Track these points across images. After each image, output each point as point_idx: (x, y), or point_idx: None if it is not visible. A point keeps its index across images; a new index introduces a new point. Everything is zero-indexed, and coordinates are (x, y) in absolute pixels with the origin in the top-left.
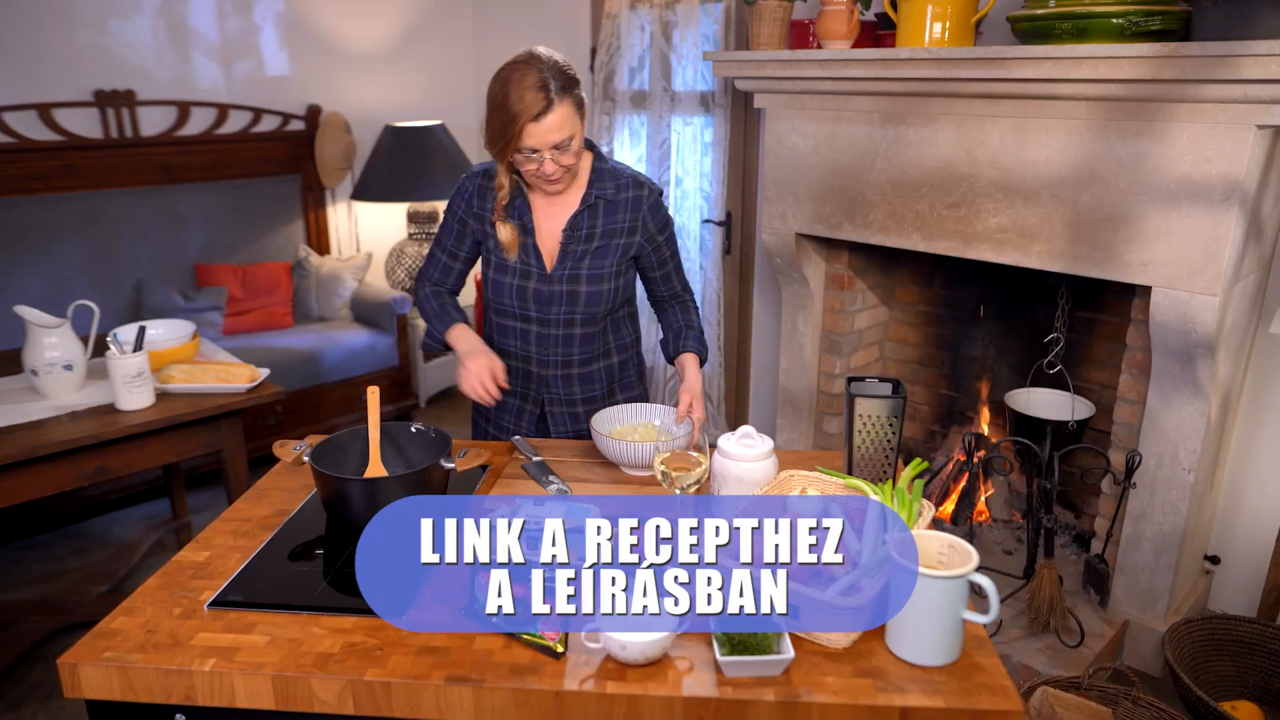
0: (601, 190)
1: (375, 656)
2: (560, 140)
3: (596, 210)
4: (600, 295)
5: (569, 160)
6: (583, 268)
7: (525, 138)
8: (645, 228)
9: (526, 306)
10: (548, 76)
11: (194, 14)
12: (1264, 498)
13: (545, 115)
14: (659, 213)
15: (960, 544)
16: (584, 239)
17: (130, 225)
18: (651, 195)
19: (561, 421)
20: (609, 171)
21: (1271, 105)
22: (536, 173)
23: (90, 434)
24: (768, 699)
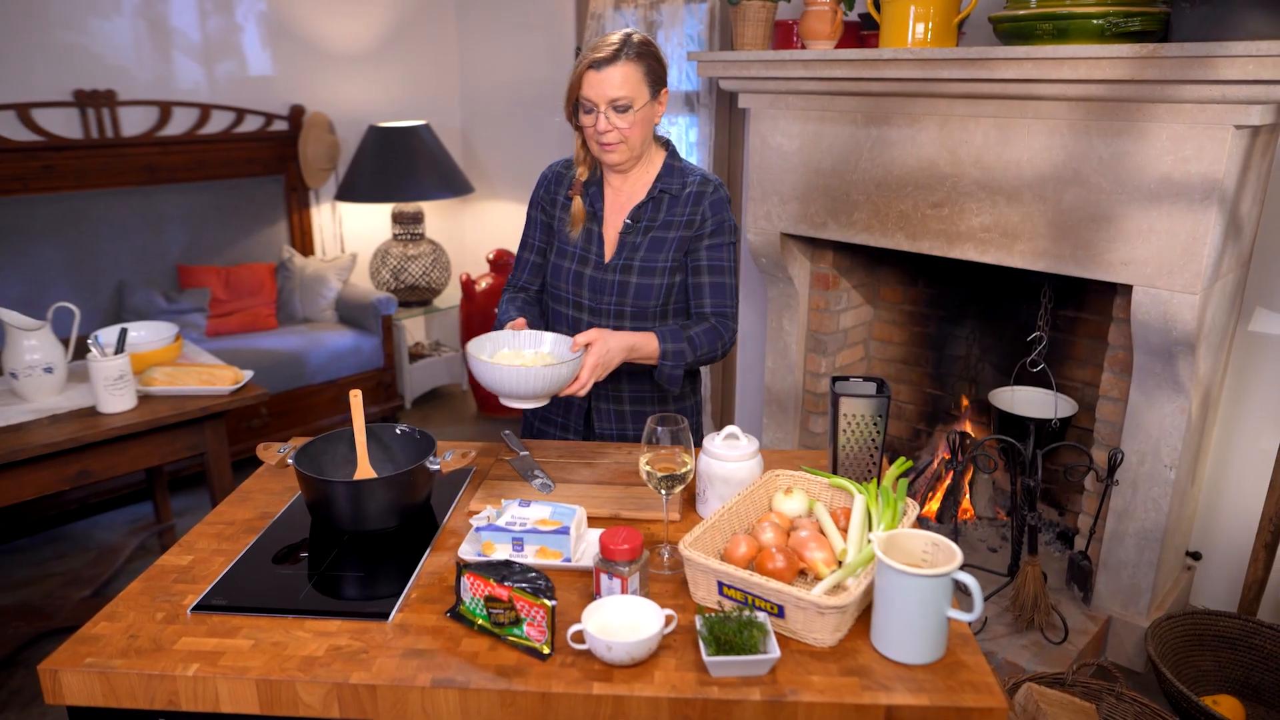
0: (668, 185)
1: (360, 660)
2: (618, 97)
3: (660, 203)
4: (651, 289)
5: (625, 124)
6: (636, 258)
7: (585, 86)
8: (702, 224)
9: (580, 294)
10: (619, 40)
11: (175, 13)
12: (1243, 494)
13: (606, 66)
14: (720, 211)
15: (944, 542)
16: (643, 230)
17: (111, 226)
18: (716, 194)
19: (607, 419)
20: (679, 169)
21: (1249, 105)
22: (593, 133)
23: (72, 437)
24: (754, 698)
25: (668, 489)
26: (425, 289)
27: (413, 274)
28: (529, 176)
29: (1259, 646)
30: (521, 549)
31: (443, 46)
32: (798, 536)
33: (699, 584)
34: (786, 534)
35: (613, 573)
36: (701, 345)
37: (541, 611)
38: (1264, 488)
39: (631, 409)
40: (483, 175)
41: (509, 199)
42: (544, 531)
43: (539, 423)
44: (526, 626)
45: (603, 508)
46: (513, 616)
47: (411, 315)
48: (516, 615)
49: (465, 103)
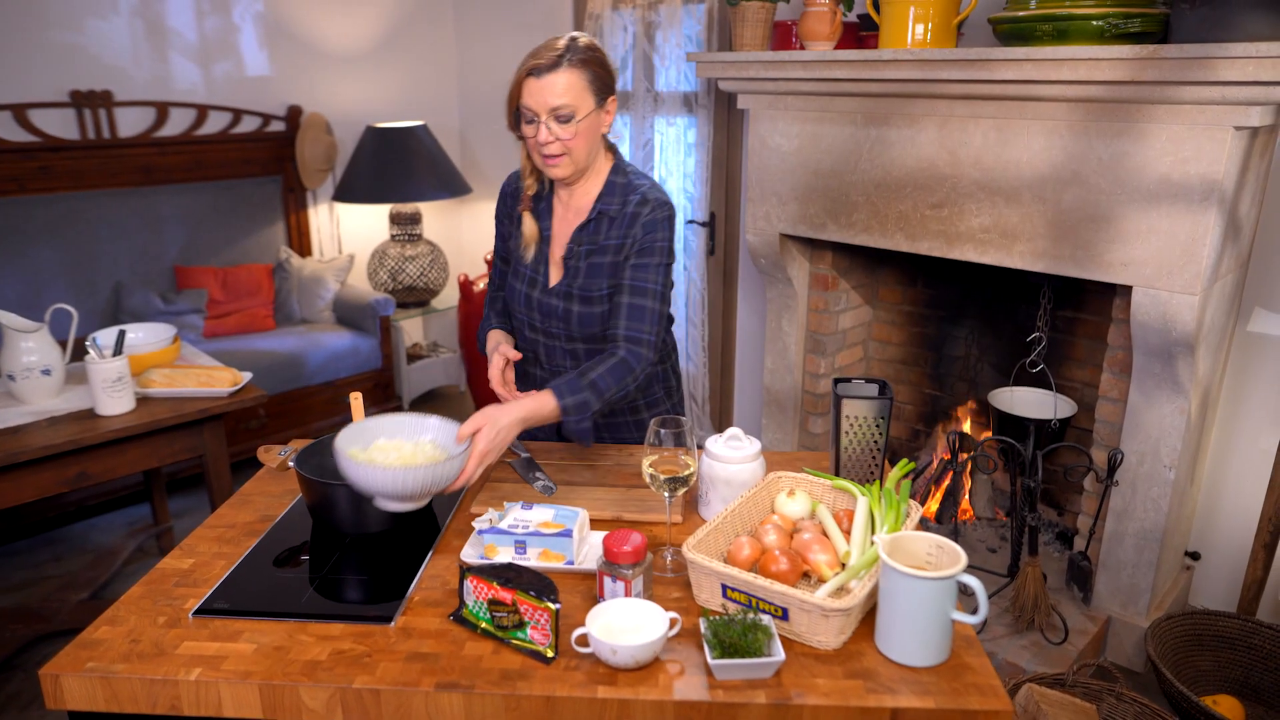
0: (607, 205)
1: (364, 664)
2: (559, 106)
3: (600, 225)
4: (592, 318)
5: (568, 135)
6: (575, 286)
7: (524, 95)
8: (632, 246)
9: (532, 315)
10: (564, 46)
11: (172, 14)
12: (1242, 494)
13: (547, 72)
14: (653, 230)
15: (948, 544)
16: (583, 255)
17: (108, 227)
18: (652, 214)
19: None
20: (622, 185)
21: (1249, 106)
22: (534, 144)
23: (70, 439)
24: (759, 701)
25: (671, 491)
26: (423, 290)
27: (410, 275)
28: None
29: (1258, 646)
30: (524, 552)
31: (440, 47)
32: (801, 539)
33: (702, 586)
34: (789, 536)
35: (616, 575)
36: (608, 388)
37: (545, 615)
38: (1263, 488)
39: (604, 420)
40: (480, 176)
41: None
42: (546, 534)
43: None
44: (530, 630)
45: (605, 510)
46: (516, 620)
47: (409, 316)
48: (520, 619)
49: (463, 103)
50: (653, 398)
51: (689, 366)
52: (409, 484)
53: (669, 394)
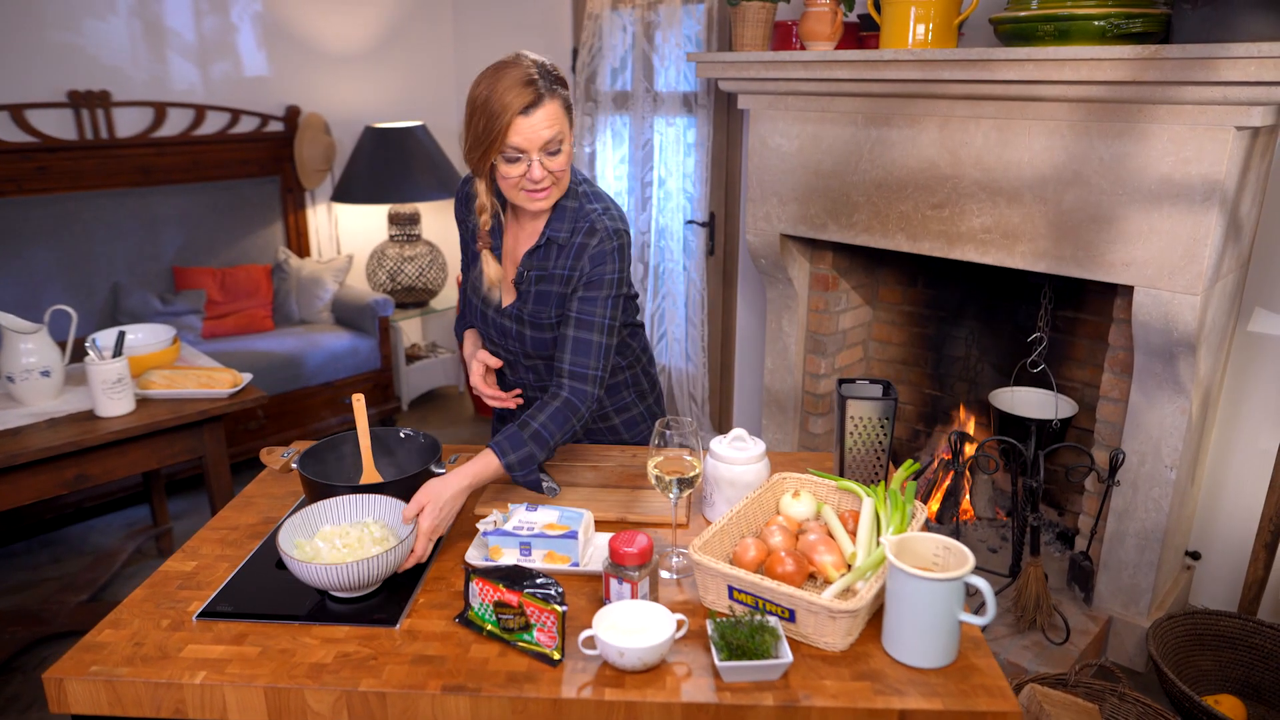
0: (556, 231)
1: (369, 667)
2: (550, 139)
3: (549, 251)
4: (543, 342)
5: (558, 166)
6: (526, 311)
7: (512, 135)
8: (580, 279)
9: (490, 332)
10: (535, 73)
11: (170, 14)
12: (1242, 494)
13: (535, 109)
14: (600, 263)
15: (955, 545)
16: (533, 280)
17: (106, 228)
18: (600, 246)
19: None
20: (572, 211)
21: (1250, 107)
22: (521, 181)
23: (70, 441)
24: (766, 703)
25: (676, 492)
26: (422, 290)
27: (409, 275)
28: None
29: (1259, 646)
30: (529, 554)
31: (439, 47)
32: (806, 540)
33: (709, 588)
34: (795, 537)
35: (622, 577)
36: (551, 435)
37: (552, 617)
38: (1263, 487)
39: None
40: None
41: None
42: (552, 536)
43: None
44: (536, 632)
45: (609, 511)
46: (522, 622)
47: (408, 317)
48: (526, 621)
49: (460, 104)
50: (621, 403)
51: (689, 366)
52: (357, 576)
53: (641, 397)
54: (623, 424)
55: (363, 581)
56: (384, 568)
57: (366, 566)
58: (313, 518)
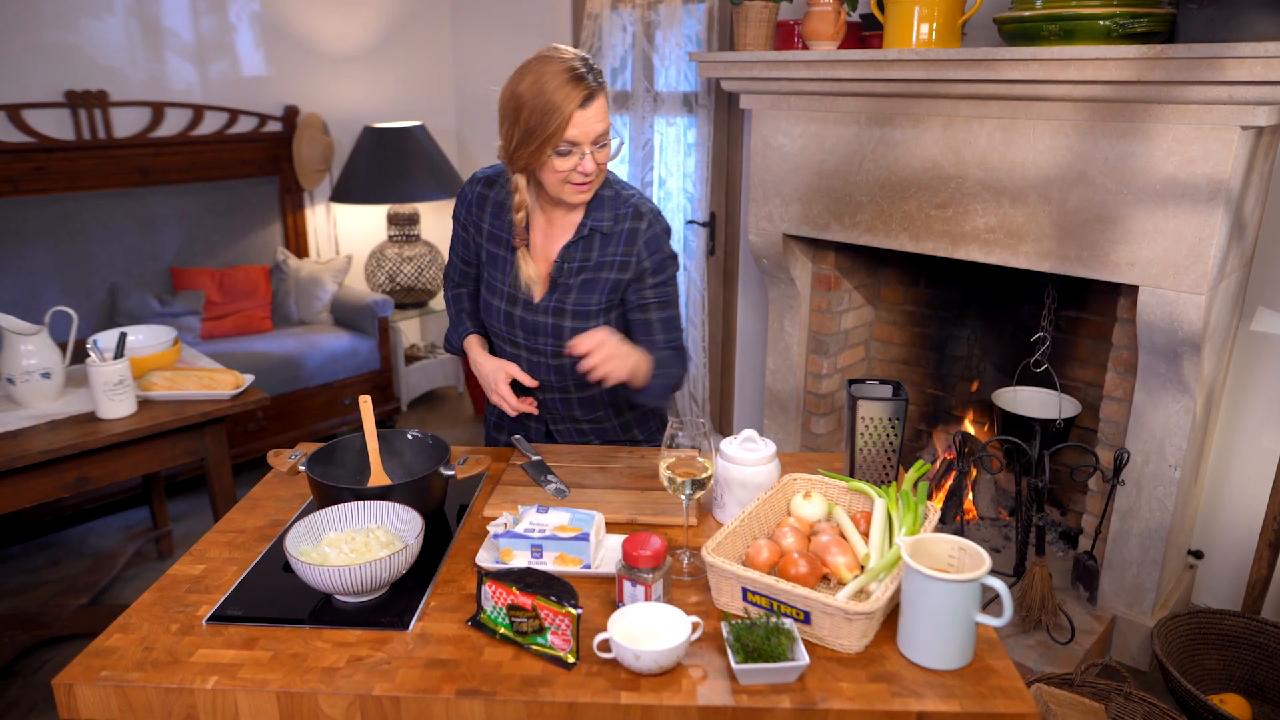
0: (598, 221)
1: (382, 670)
2: (602, 131)
3: (591, 241)
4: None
5: (604, 158)
6: (568, 302)
7: (571, 128)
8: (639, 264)
9: (514, 333)
10: (582, 67)
11: (167, 13)
12: (1245, 493)
13: (591, 102)
14: (657, 249)
15: (971, 546)
16: (574, 272)
17: (103, 228)
18: (651, 229)
19: (568, 437)
20: (611, 200)
21: (1256, 106)
22: (571, 174)
23: (71, 443)
24: (784, 706)
25: (688, 494)
26: (421, 290)
27: (408, 275)
28: None
29: (1263, 645)
30: (540, 555)
31: (437, 47)
32: (819, 541)
33: (722, 590)
34: (807, 539)
35: (636, 579)
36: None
37: (567, 620)
38: (1265, 486)
39: (591, 428)
40: None
41: None
42: (563, 538)
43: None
44: (550, 635)
45: (619, 513)
46: (536, 625)
47: (407, 317)
48: (540, 624)
49: (459, 103)
50: None
51: (689, 367)
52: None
53: None
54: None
55: (371, 584)
56: (392, 570)
57: (375, 569)
58: (316, 525)
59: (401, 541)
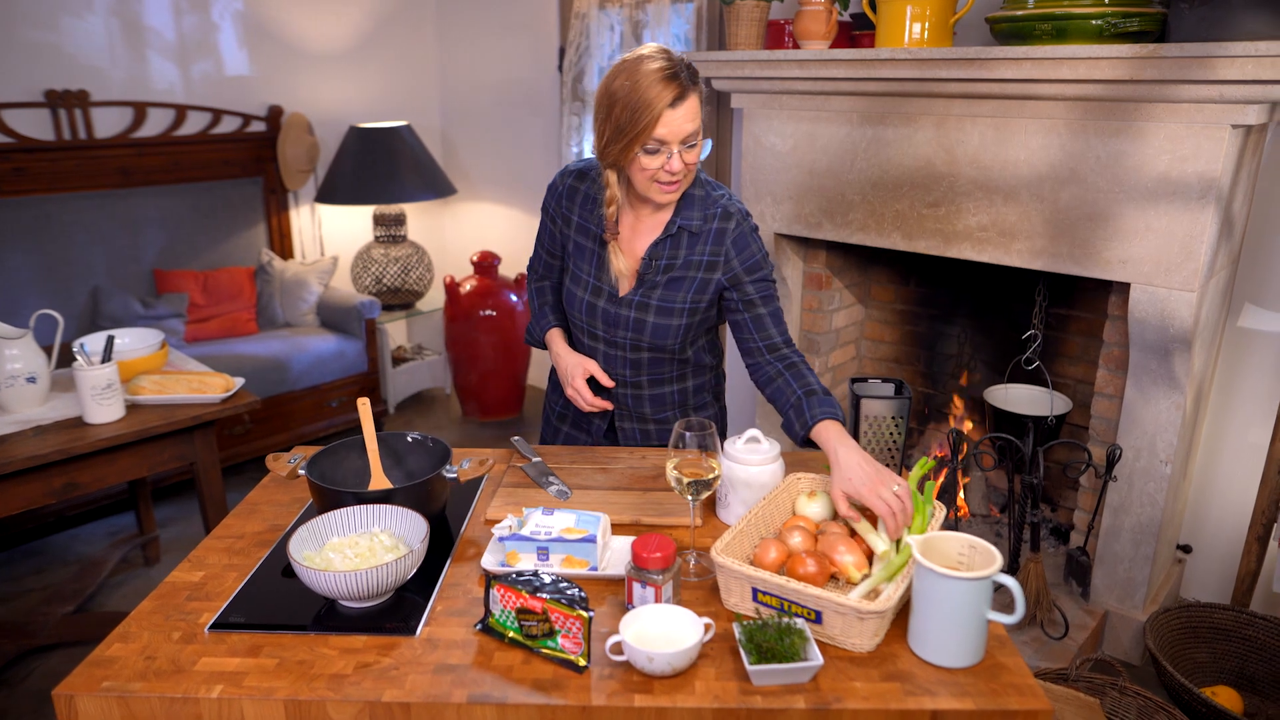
0: (687, 220)
1: (391, 676)
2: (692, 131)
3: (679, 240)
4: (669, 330)
5: (693, 158)
6: (653, 298)
7: (659, 126)
8: (728, 264)
9: (595, 325)
10: (676, 66)
11: (149, 12)
12: (1232, 488)
13: (681, 102)
14: (745, 248)
15: (981, 544)
16: (661, 269)
17: (85, 230)
18: (739, 229)
19: (630, 436)
20: (701, 199)
21: (1246, 105)
22: (659, 172)
23: (59, 449)
24: (798, 707)
25: (695, 494)
26: (407, 291)
27: (395, 277)
28: (510, 178)
29: (1252, 638)
30: (546, 558)
31: (422, 46)
32: (826, 540)
33: (731, 590)
34: (814, 538)
35: (646, 581)
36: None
37: (578, 623)
38: (1252, 481)
39: (656, 427)
40: (463, 176)
41: (491, 200)
42: (570, 540)
43: (562, 437)
44: (561, 638)
45: (623, 514)
46: (546, 629)
47: (394, 319)
48: (550, 627)
49: (445, 103)
50: (701, 401)
51: None
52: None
53: (716, 398)
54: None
55: (377, 590)
56: (398, 575)
57: (381, 574)
58: (320, 530)
59: (406, 545)
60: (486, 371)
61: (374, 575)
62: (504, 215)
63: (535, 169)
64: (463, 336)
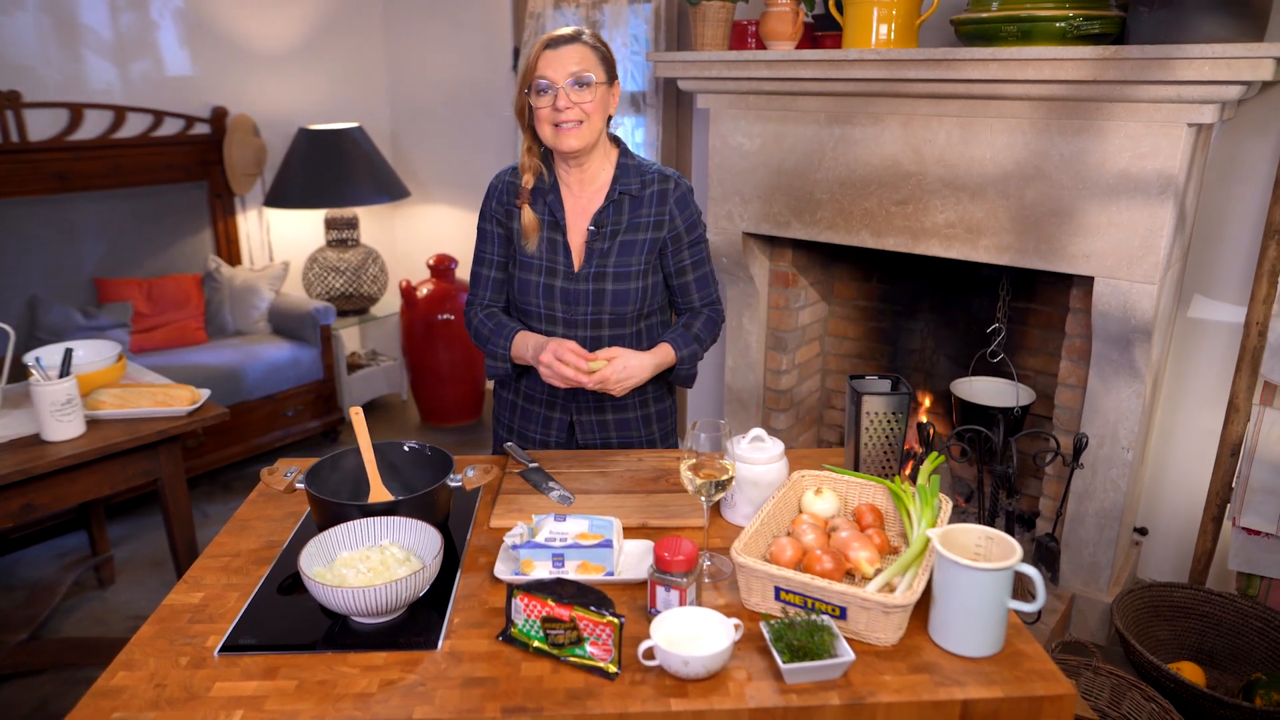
0: (626, 185)
1: (419, 693)
2: (577, 70)
3: (622, 206)
4: (628, 294)
5: (586, 100)
6: (609, 265)
7: (541, 65)
8: (672, 223)
9: (553, 306)
10: (576, 29)
11: (83, 9)
12: (1185, 471)
13: (564, 45)
14: (687, 208)
15: (998, 535)
16: (609, 235)
17: (19, 238)
18: (679, 189)
19: (589, 430)
20: (634, 167)
21: (1201, 105)
22: (549, 114)
23: (18, 469)
24: (833, 703)
25: (709, 495)
26: (361, 297)
27: (348, 282)
28: (464, 180)
29: (1209, 614)
30: (562, 565)
31: (369, 46)
32: (839, 537)
33: (752, 590)
34: (826, 535)
35: (670, 585)
36: (707, 339)
37: (608, 630)
38: (1204, 465)
39: (615, 417)
40: (414, 178)
41: (443, 202)
42: (585, 546)
43: (516, 438)
44: (589, 646)
45: (629, 517)
46: (574, 636)
47: (347, 325)
48: (579, 635)
49: (394, 104)
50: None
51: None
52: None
53: (670, 390)
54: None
55: (393, 604)
56: (414, 589)
57: (397, 589)
58: (328, 545)
59: (417, 557)
60: (445, 376)
61: (391, 590)
62: (457, 217)
63: (489, 170)
64: (420, 341)
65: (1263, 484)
